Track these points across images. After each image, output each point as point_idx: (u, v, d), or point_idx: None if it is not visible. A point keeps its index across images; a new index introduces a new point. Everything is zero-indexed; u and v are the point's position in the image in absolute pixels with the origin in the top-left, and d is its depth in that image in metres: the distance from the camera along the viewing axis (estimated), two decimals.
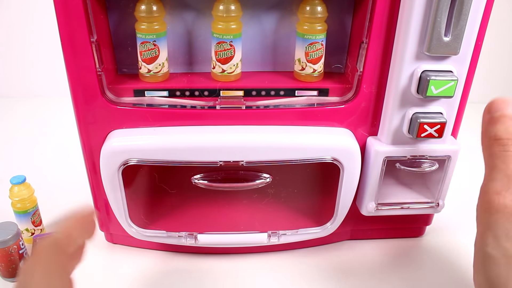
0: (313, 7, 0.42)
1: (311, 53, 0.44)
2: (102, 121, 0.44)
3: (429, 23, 0.39)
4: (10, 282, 0.48)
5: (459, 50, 0.40)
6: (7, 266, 0.47)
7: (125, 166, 0.43)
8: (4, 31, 0.97)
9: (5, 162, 0.74)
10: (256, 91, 0.45)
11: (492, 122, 0.37)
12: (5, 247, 0.46)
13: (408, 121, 0.44)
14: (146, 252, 0.53)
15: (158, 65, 0.44)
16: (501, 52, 1.00)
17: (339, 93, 0.45)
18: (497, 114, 0.37)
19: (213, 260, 0.52)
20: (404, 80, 0.42)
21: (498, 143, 0.37)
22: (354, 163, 0.45)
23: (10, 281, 0.48)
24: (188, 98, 0.44)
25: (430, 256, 0.54)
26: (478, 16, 0.40)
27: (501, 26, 0.95)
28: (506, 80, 1.04)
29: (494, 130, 0.37)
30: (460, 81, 0.42)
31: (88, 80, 0.42)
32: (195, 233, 0.48)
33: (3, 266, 0.47)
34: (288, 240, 0.50)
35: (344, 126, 0.46)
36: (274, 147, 0.43)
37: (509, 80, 1.04)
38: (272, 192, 0.46)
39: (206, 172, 0.44)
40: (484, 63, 0.43)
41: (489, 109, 0.38)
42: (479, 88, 1.00)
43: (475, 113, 1.03)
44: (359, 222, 0.53)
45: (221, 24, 0.42)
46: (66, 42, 0.40)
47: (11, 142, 0.82)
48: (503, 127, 0.36)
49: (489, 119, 0.38)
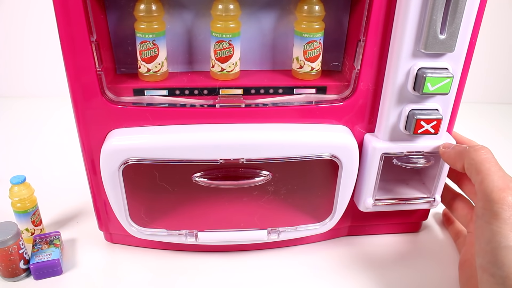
0: (311, 6, 0.43)
1: (309, 52, 0.45)
2: (101, 120, 0.44)
3: (425, 21, 0.40)
4: (10, 282, 0.48)
5: (455, 47, 0.41)
6: (7, 266, 0.47)
7: (125, 165, 0.43)
8: (3, 31, 0.97)
9: (5, 162, 0.74)
10: (255, 89, 0.45)
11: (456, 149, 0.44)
12: (5, 247, 0.46)
13: (405, 117, 0.45)
14: (146, 251, 0.53)
15: (158, 64, 0.44)
16: (501, 52, 1.00)
17: (337, 90, 0.46)
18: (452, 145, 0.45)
19: (213, 258, 0.52)
20: (401, 77, 0.43)
21: (483, 149, 0.41)
22: (352, 159, 0.46)
23: (10, 281, 0.48)
24: (187, 97, 0.45)
25: (426, 251, 0.55)
26: (473, 14, 0.40)
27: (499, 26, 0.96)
28: (506, 80, 1.04)
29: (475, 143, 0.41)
30: (455, 78, 0.43)
31: (87, 79, 0.42)
32: (195, 231, 0.49)
33: (3, 266, 0.47)
34: (287, 237, 0.50)
35: (342, 123, 0.46)
36: (274, 145, 0.43)
37: (509, 80, 1.04)
38: (272, 190, 0.47)
39: (206, 170, 0.45)
40: (484, 63, 0.44)
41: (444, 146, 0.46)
42: (479, 88, 1.01)
43: (476, 113, 1.05)
44: (357, 218, 0.54)
45: (220, 23, 0.43)
46: (66, 42, 0.40)
47: (11, 142, 0.82)
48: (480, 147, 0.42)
49: (451, 148, 0.45)
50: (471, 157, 0.40)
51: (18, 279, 0.48)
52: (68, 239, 0.55)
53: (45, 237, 0.52)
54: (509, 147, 0.82)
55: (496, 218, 0.36)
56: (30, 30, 0.97)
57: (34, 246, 0.50)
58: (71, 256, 0.52)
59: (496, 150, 0.42)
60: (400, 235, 0.57)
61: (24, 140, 0.82)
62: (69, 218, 0.59)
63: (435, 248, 0.55)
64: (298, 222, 0.50)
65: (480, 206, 0.38)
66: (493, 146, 0.78)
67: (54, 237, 0.52)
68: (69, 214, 0.60)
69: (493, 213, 0.36)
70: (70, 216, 0.59)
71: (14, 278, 0.48)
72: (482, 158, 0.40)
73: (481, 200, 0.38)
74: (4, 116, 0.95)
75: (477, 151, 0.40)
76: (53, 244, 0.51)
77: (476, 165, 0.39)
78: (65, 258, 0.52)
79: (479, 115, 0.98)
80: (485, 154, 0.40)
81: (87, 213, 0.59)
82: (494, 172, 0.38)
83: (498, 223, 0.36)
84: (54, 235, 0.52)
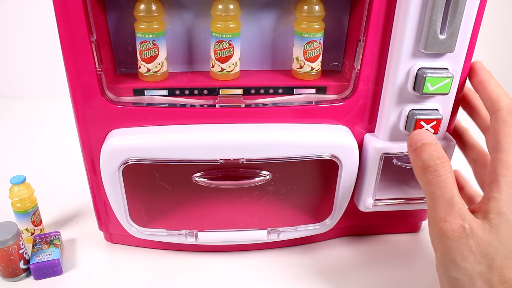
0: (311, 6, 0.43)
1: (309, 52, 0.45)
2: (101, 120, 0.44)
3: (425, 21, 0.40)
4: (10, 282, 0.48)
5: (454, 47, 0.41)
6: (7, 266, 0.47)
7: (125, 165, 0.43)
8: (3, 31, 0.97)
9: (5, 162, 0.74)
10: (255, 89, 0.45)
11: (416, 153, 0.39)
12: (5, 247, 0.46)
13: (405, 117, 0.45)
14: (146, 251, 0.53)
15: (158, 64, 0.44)
16: (501, 52, 1.00)
17: (337, 91, 0.46)
18: (418, 145, 0.39)
19: (213, 259, 0.52)
20: (401, 77, 0.43)
21: (428, 171, 0.38)
22: (352, 159, 0.46)
23: (10, 281, 0.48)
24: (187, 97, 0.45)
25: (426, 251, 0.55)
26: (473, 14, 0.40)
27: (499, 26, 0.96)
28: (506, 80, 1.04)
29: (421, 160, 0.38)
30: (455, 78, 0.43)
31: (87, 79, 0.42)
32: (195, 231, 0.49)
33: (3, 266, 0.47)
34: (287, 237, 0.50)
35: (342, 124, 0.46)
36: (274, 145, 0.43)
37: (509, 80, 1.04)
38: (272, 190, 0.47)
39: (206, 170, 0.45)
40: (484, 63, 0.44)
41: (410, 144, 0.40)
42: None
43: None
44: (357, 218, 0.54)
45: (220, 23, 0.43)
46: (66, 42, 0.40)
47: (11, 142, 0.82)
48: (427, 155, 0.38)
49: (413, 152, 0.40)
50: (419, 178, 0.39)
51: (18, 279, 0.48)
52: (68, 239, 0.55)
53: (45, 237, 0.52)
54: None
55: (439, 249, 0.36)
56: (30, 30, 0.97)
57: (34, 246, 0.50)
58: (71, 256, 0.52)
59: None
60: (400, 235, 0.57)
61: (24, 140, 0.82)
62: (69, 218, 0.59)
63: None
64: (298, 222, 0.50)
65: (430, 232, 0.38)
66: None
67: (54, 237, 0.52)
68: (69, 214, 0.60)
69: (437, 244, 0.37)
70: (70, 216, 0.60)
71: (14, 278, 0.48)
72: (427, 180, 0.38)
73: (429, 227, 0.38)
74: (4, 116, 0.95)
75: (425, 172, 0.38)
76: (53, 244, 0.51)
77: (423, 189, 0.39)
78: (65, 258, 0.52)
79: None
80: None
81: (87, 213, 0.59)
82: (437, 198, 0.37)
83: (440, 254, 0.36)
84: (54, 235, 0.52)
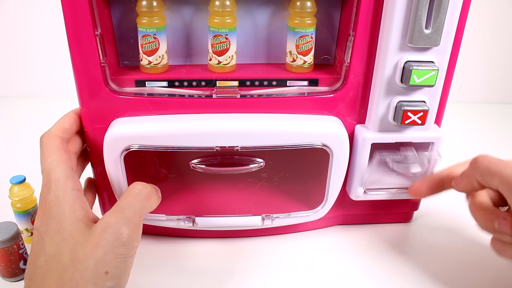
0: (303, 2, 0.45)
1: (302, 46, 0.47)
2: (105, 110, 0.46)
3: (411, 17, 0.42)
4: (10, 282, 0.48)
5: (440, 41, 0.43)
6: (7, 266, 0.47)
7: (127, 151, 0.46)
8: (4, 31, 0.97)
9: (5, 162, 0.74)
10: (250, 81, 0.48)
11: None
12: (5, 247, 0.45)
13: (393, 109, 0.47)
14: (145, 236, 0.55)
15: (158, 57, 0.47)
16: (501, 52, 1.00)
17: (328, 83, 0.48)
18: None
19: (210, 244, 0.55)
20: (389, 70, 0.45)
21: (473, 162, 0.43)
22: (343, 148, 0.48)
23: (10, 281, 0.48)
24: (186, 88, 0.47)
25: (417, 241, 0.56)
26: (457, 10, 0.42)
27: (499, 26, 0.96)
28: (506, 80, 1.05)
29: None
30: (441, 71, 0.45)
31: (92, 71, 0.44)
32: (193, 216, 0.51)
33: (3, 266, 0.47)
34: (281, 223, 0.52)
35: (333, 114, 0.48)
36: (267, 133, 0.46)
37: (509, 80, 1.05)
38: (266, 177, 0.49)
39: (203, 157, 0.47)
40: (484, 63, 0.45)
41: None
42: (479, 88, 1.02)
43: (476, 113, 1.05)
44: (349, 207, 0.56)
45: (217, 18, 0.45)
46: (72, 36, 0.42)
47: (11, 142, 0.82)
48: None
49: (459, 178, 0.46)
50: (478, 168, 0.43)
51: (18, 279, 0.48)
52: None
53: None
54: (509, 147, 0.83)
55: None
56: (31, 30, 0.97)
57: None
58: None
59: (496, 150, 0.43)
60: (392, 225, 0.59)
61: (24, 140, 0.81)
62: None
63: (426, 238, 0.57)
64: (291, 209, 0.52)
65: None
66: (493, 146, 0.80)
67: None
68: None
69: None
70: None
71: (14, 278, 0.48)
72: (488, 162, 0.42)
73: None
74: (4, 116, 0.95)
75: (476, 162, 0.43)
76: None
77: (486, 171, 0.42)
78: None
79: (479, 115, 0.99)
80: (485, 158, 0.42)
81: None
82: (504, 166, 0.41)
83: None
84: None
